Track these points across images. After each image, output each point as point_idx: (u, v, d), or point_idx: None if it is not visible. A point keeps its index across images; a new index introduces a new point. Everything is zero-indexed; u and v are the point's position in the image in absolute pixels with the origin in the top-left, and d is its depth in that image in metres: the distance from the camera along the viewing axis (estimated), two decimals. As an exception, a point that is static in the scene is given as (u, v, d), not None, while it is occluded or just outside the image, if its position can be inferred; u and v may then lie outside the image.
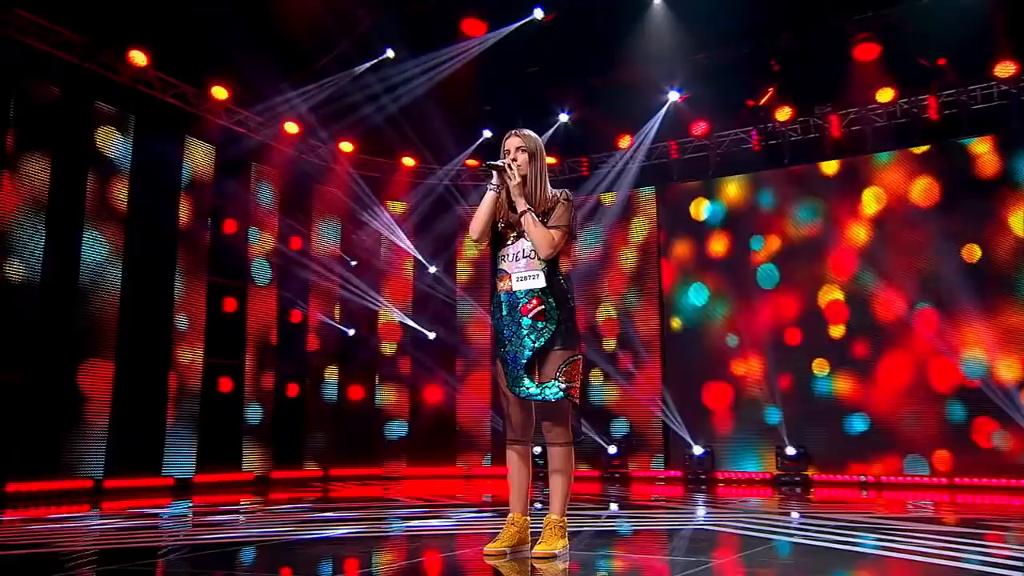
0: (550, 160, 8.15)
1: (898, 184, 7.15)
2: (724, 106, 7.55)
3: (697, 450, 7.59)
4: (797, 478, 7.10)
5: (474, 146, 8.44)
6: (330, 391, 8.16)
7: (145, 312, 6.43)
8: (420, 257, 8.63)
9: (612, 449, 7.97)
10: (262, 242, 7.62)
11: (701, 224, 7.90)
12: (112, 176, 6.37)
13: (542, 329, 2.45)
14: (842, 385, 7.22)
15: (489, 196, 2.52)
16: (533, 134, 2.58)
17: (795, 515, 4.22)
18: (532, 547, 2.51)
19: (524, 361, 2.45)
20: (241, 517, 4.18)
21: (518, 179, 2.47)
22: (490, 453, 8.50)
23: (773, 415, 7.36)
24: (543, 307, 2.45)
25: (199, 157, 7.14)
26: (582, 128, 8.12)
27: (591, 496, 5.34)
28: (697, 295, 7.85)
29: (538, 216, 2.49)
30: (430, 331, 8.64)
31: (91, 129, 6.26)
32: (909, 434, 6.90)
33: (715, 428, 7.70)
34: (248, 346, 7.37)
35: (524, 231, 2.49)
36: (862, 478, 6.98)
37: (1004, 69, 6.57)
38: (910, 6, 6.41)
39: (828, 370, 7.26)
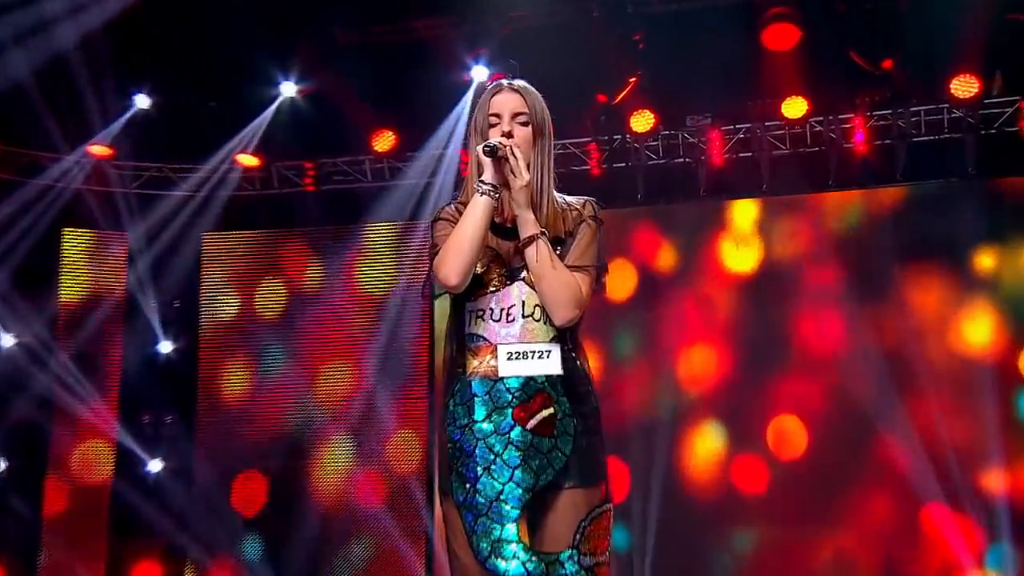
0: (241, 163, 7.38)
1: (791, 241, 6.86)
2: (556, 100, 6.78)
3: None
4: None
5: (121, 121, 7.23)
6: None
7: None
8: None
9: None
10: None
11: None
12: None
13: (550, 451, 2.21)
14: (720, 498, 6.61)
15: (482, 207, 2.21)
16: (535, 91, 2.35)
17: None
18: None
19: (516, 512, 2.17)
20: None
21: (526, 177, 2.20)
22: None
23: (620, 536, 6.54)
24: (552, 410, 2.21)
25: None
26: (319, 113, 7.18)
27: None
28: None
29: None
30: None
31: None
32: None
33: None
34: None
35: (524, 271, 2.26)
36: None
37: (964, 87, 6.21)
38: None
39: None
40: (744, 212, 6.95)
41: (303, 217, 7.44)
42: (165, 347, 7.47)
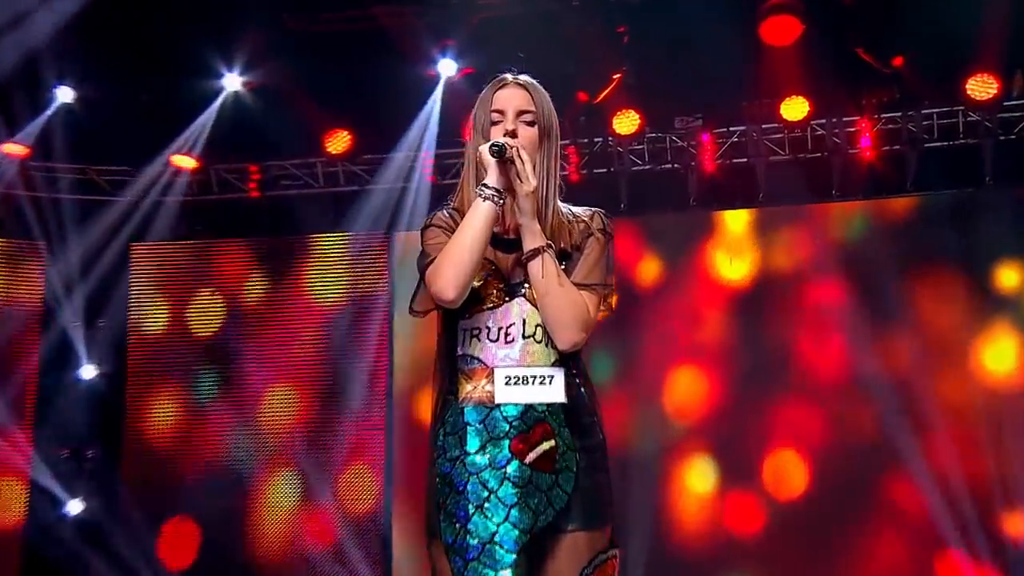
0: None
1: (789, 255, 6.74)
2: None
3: None
4: None
5: (42, 117, 7.00)
6: None
7: None
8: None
9: None
10: None
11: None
12: None
13: (550, 489, 2.21)
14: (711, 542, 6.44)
15: (485, 213, 2.21)
16: (542, 88, 2.37)
17: None
18: None
19: (512, 556, 2.16)
20: None
21: (533, 183, 2.22)
22: None
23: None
24: (553, 443, 2.21)
25: None
26: (266, 110, 6.96)
27: None
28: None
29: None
30: None
31: None
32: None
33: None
34: None
35: (526, 287, 2.28)
36: None
37: (981, 87, 6.03)
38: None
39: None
40: (738, 224, 6.82)
41: (246, 226, 7.22)
42: (88, 372, 7.26)
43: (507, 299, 2.30)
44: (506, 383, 2.26)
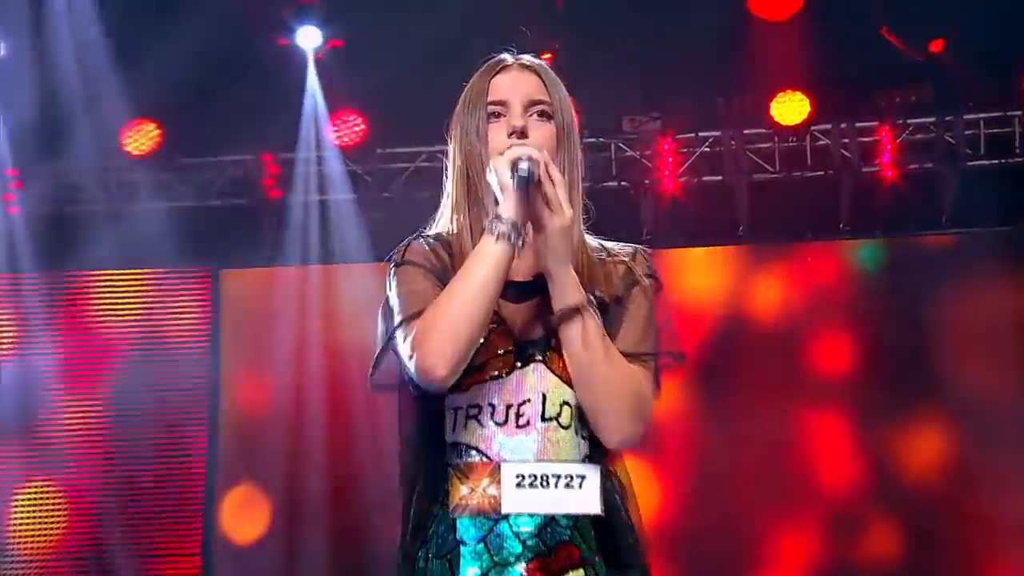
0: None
1: (780, 310, 6.35)
2: (432, 87, 6.39)
3: None
4: None
5: None
6: None
7: None
8: None
9: None
10: None
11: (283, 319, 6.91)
12: None
13: None
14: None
15: (497, 259, 1.92)
16: (552, 72, 2.18)
17: None
18: None
19: None
20: None
21: (567, 212, 1.93)
22: None
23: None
24: (583, 573, 1.92)
25: None
26: (34, 92, 6.39)
27: None
28: None
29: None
30: None
31: None
32: None
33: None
34: None
35: (545, 350, 1.99)
36: None
37: None
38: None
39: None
40: (708, 265, 6.37)
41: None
42: None
43: (518, 366, 1.91)
44: (518, 484, 1.89)
